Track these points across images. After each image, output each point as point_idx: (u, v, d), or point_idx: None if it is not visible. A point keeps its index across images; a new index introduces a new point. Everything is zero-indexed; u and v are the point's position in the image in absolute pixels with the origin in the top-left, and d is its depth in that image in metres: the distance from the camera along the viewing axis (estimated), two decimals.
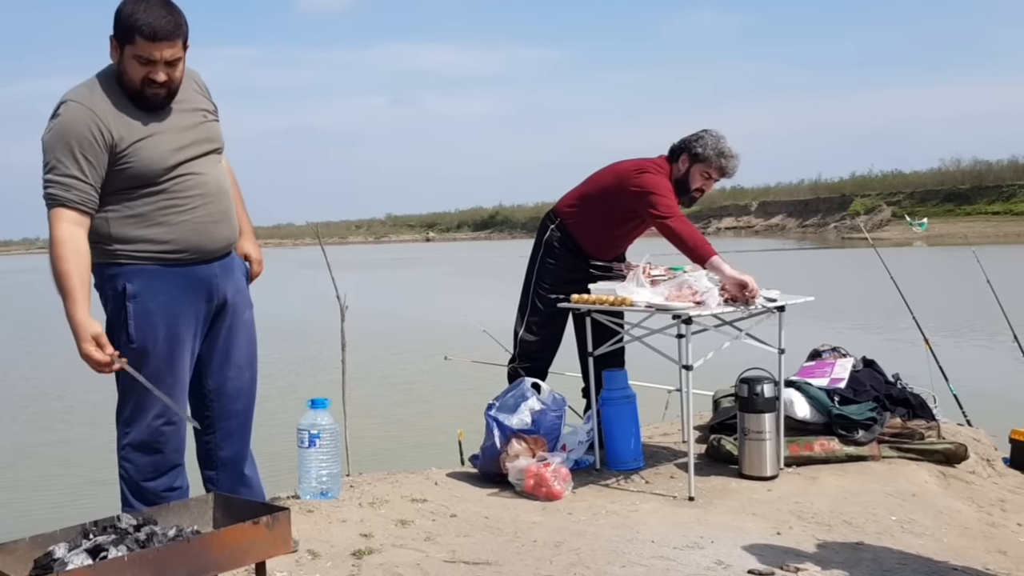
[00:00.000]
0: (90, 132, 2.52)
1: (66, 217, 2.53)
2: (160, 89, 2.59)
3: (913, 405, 4.36)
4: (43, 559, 2.37)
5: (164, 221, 2.63)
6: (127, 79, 2.58)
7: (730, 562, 2.91)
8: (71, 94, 2.59)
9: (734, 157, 4.06)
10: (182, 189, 2.65)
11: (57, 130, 2.54)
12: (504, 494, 3.73)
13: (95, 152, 2.53)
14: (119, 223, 2.61)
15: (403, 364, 11.46)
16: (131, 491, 2.77)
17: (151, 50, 2.51)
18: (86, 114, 2.54)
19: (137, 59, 2.53)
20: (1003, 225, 50.95)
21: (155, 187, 2.62)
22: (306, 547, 2.95)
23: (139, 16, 2.49)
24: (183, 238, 2.66)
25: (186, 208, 2.66)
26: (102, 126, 2.54)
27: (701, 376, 3.75)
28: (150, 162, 2.59)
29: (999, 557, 3.17)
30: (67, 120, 2.54)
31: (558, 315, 4.17)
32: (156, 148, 2.60)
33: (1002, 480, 4.25)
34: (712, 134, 4.05)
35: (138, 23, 2.49)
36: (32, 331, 19.47)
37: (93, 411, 9.58)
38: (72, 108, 2.55)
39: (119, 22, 2.53)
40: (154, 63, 2.54)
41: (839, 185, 71.33)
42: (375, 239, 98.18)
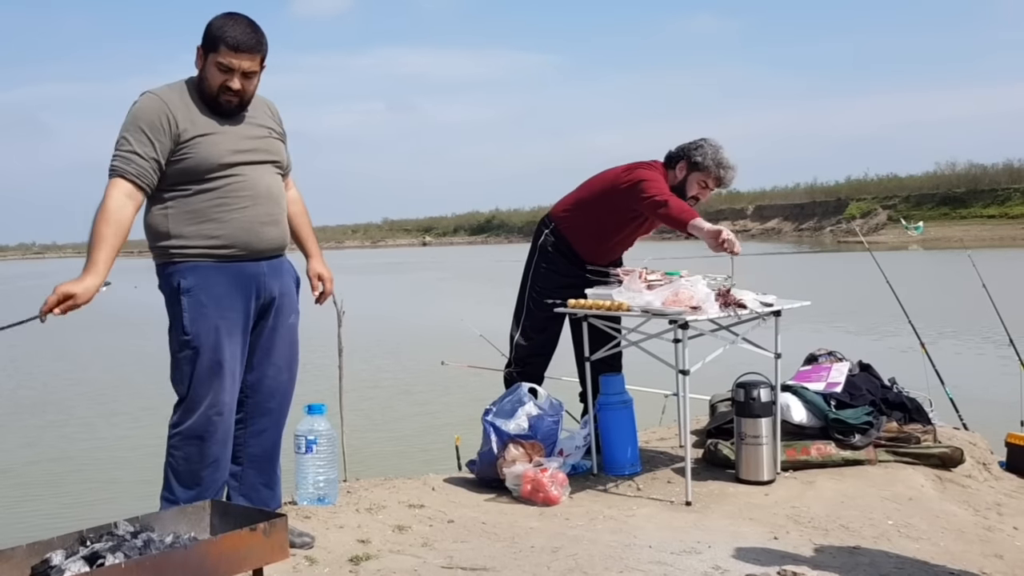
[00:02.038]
0: (158, 118, 2.74)
1: (120, 187, 2.73)
2: (233, 97, 2.81)
3: (909, 409, 4.37)
4: (40, 566, 2.37)
5: (216, 217, 2.80)
6: (207, 84, 2.80)
7: (727, 567, 2.91)
8: (150, 89, 2.83)
9: (732, 168, 4.07)
10: (234, 189, 2.83)
11: (131, 115, 2.78)
12: (501, 499, 3.73)
13: (160, 136, 2.74)
14: (177, 220, 2.79)
15: (400, 369, 11.45)
16: (176, 479, 2.86)
17: (231, 59, 2.76)
18: (158, 103, 2.77)
19: (218, 66, 2.77)
20: (998, 228, 51.07)
21: (209, 183, 2.79)
22: (303, 553, 2.95)
23: (227, 29, 2.77)
24: (232, 234, 2.82)
25: (236, 207, 2.82)
26: (170, 115, 2.76)
27: (698, 381, 3.75)
28: (208, 156, 2.78)
29: (995, 561, 3.17)
30: (140, 107, 2.78)
31: (553, 320, 4.17)
32: (216, 145, 2.80)
33: (998, 484, 4.25)
34: (711, 143, 4.06)
35: (224, 34, 2.76)
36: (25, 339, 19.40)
37: (89, 418, 9.58)
38: (147, 98, 2.80)
39: (208, 33, 2.79)
40: (232, 72, 2.78)
41: (835, 189, 71.50)
42: (371, 243, 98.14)
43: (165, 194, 2.79)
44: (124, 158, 2.72)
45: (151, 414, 9.56)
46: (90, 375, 12.40)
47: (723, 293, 3.74)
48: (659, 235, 4.99)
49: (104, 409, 9.97)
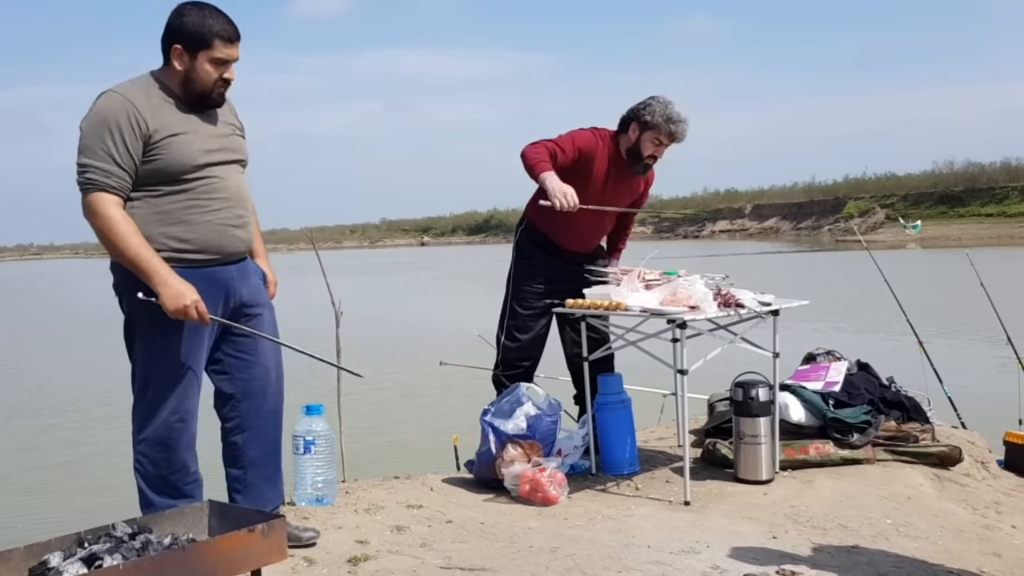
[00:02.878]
0: (127, 119, 2.62)
1: (110, 201, 2.63)
2: (225, 88, 2.77)
3: (908, 408, 4.37)
4: (38, 568, 2.37)
5: (187, 220, 2.71)
6: (198, 83, 2.71)
7: (726, 567, 2.92)
8: (111, 87, 2.70)
9: (683, 121, 3.99)
10: (206, 191, 2.74)
11: (95, 117, 2.64)
12: (500, 499, 3.72)
13: (132, 139, 2.63)
14: (144, 222, 2.68)
15: (398, 369, 11.44)
16: (148, 485, 2.84)
17: (229, 51, 2.71)
18: (123, 103, 2.64)
19: (213, 62, 2.70)
20: (996, 227, 51.14)
21: (181, 185, 2.70)
22: (302, 554, 2.95)
23: (211, 23, 2.68)
24: (204, 238, 2.74)
25: (208, 209, 2.74)
26: (139, 116, 2.64)
27: (696, 380, 3.75)
28: (180, 156, 2.69)
29: (994, 560, 3.17)
30: (105, 107, 2.64)
31: (537, 319, 4.15)
32: (188, 145, 2.70)
33: (997, 482, 4.25)
34: (660, 100, 4.00)
35: (214, 29, 2.68)
36: (19, 341, 19.41)
37: (85, 421, 9.57)
38: (110, 97, 2.66)
39: (188, 30, 2.68)
40: (227, 64, 2.73)
41: (833, 188, 71.57)
42: (370, 243, 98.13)
43: (133, 193, 2.69)
44: (102, 170, 2.61)
45: None
46: (86, 378, 12.37)
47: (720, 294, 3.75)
48: (656, 234, 4.98)
49: (101, 412, 9.95)
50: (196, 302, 2.64)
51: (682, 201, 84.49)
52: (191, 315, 2.63)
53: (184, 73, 2.71)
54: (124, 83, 2.72)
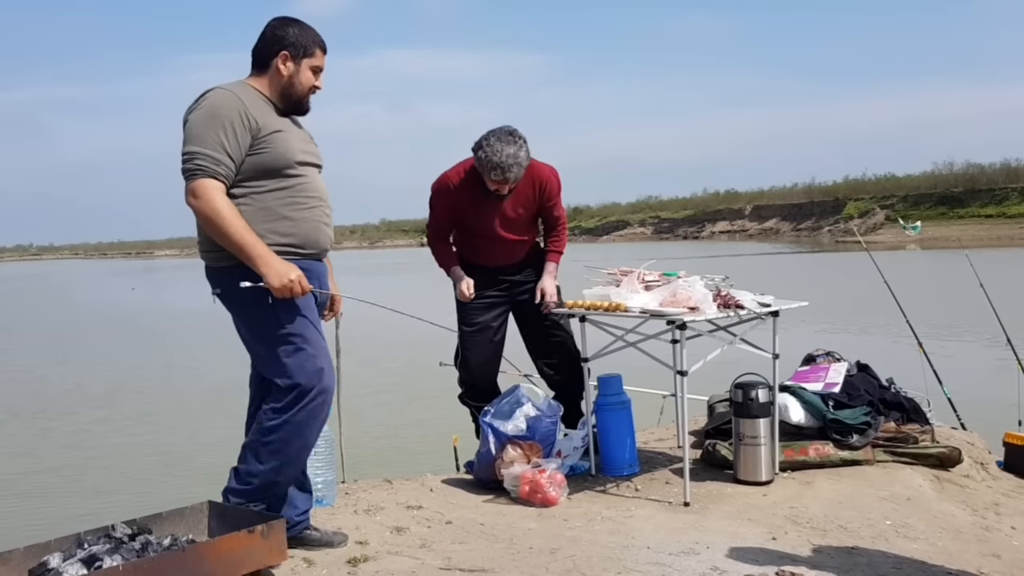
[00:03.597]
0: (238, 113, 2.75)
1: (217, 188, 2.73)
2: (311, 95, 2.95)
3: (907, 409, 4.37)
4: (38, 569, 2.37)
5: (289, 216, 2.84)
6: (297, 88, 2.90)
7: (726, 567, 2.91)
8: (218, 85, 2.83)
9: (498, 167, 3.86)
10: (303, 188, 2.88)
11: (206, 109, 2.75)
12: (499, 500, 3.72)
13: (241, 132, 2.75)
14: (252, 218, 2.77)
15: (398, 370, 11.44)
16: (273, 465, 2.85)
17: (322, 60, 2.93)
18: (234, 98, 2.78)
19: (313, 69, 2.91)
20: (996, 228, 51.17)
21: (282, 181, 2.83)
22: (301, 555, 2.95)
23: (312, 34, 2.90)
24: (304, 233, 2.87)
25: (306, 206, 2.88)
26: (247, 111, 2.78)
27: (696, 381, 3.75)
28: (284, 151, 2.83)
29: (993, 561, 3.17)
30: (216, 101, 2.77)
31: (484, 330, 4.18)
32: (288, 142, 2.86)
33: (996, 483, 4.26)
34: (489, 143, 3.88)
35: (316, 38, 2.91)
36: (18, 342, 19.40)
37: (82, 423, 9.56)
38: (221, 93, 2.79)
39: (293, 40, 2.87)
40: (320, 72, 2.94)
41: (833, 189, 71.63)
42: (369, 244, 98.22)
43: (236, 190, 2.79)
44: (211, 158, 2.71)
45: (147, 418, 9.57)
46: (87, 379, 12.38)
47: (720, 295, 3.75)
48: (656, 235, 4.98)
49: (98, 415, 9.95)
50: (300, 277, 2.75)
51: (682, 202, 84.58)
52: (295, 290, 2.74)
53: (288, 78, 2.88)
54: (230, 84, 2.86)
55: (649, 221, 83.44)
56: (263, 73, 2.90)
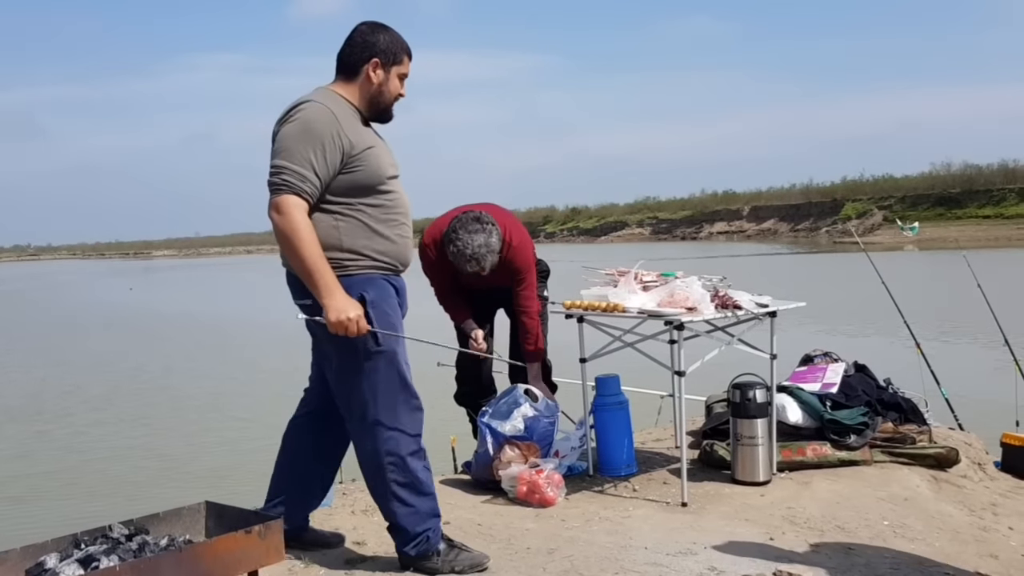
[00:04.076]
0: (330, 133, 2.69)
1: (300, 206, 2.66)
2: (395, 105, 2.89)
3: (905, 410, 4.37)
4: (34, 569, 2.36)
5: (383, 233, 2.80)
6: (385, 96, 2.83)
7: (723, 567, 2.92)
8: (312, 96, 2.76)
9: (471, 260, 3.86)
10: (394, 204, 2.84)
11: (300, 123, 2.68)
12: (497, 501, 3.72)
13: (332, 152, 2.69)
14: (350, 233, 2.75)
15: None
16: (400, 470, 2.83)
17: (409, 67, 2.87)
18: (330, 116, 2.71)
19: (400, 77, 2.85)
20: (993, 229, 51.24)
21: (376, 198, 2.78)
22: (299, 555, 2.95)
23: (400, 41, 2.84)
24: (395, 250, 2.84)
25: (397, 222, 2.85)
26: (341, 131, 2.71)
27: (694, 382, 3.75)
28: (377, 168, 2.78)
29: (990, 561, 3.18)
30: (311, 117, 2.69)
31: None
32: (380, 158, 2.80)
33: (993, 484, 4.26)
34: (459, 236, 3.86)
35: (405, 45, 2.85)
36: (16, 343, 19.37)
37: (79, 425, 9.55)
38: (317, 108, 2.71)
39: (383, 47, 2.80)
40: (406, 79, 2.88)
41: (830, 189, 71.68)
42: None
43: (331, 206, 2.73)
44: (298, 174, 2.64)
45: (144, 421, 9.55)
46: (85, 381, 12.36)
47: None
48: (654, 236, 4.98)
49: (97, 416, 9.94)
50: (359, 318, 2.68)
51: (680, 202, 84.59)
52: (351, 330, 2.66)
53: (378, 86, 2.82)
54: (321, 94, 2.77)
55: (647, 222, 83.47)
56: (351, 80, 2.81)
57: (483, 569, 2.87)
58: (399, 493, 2.81)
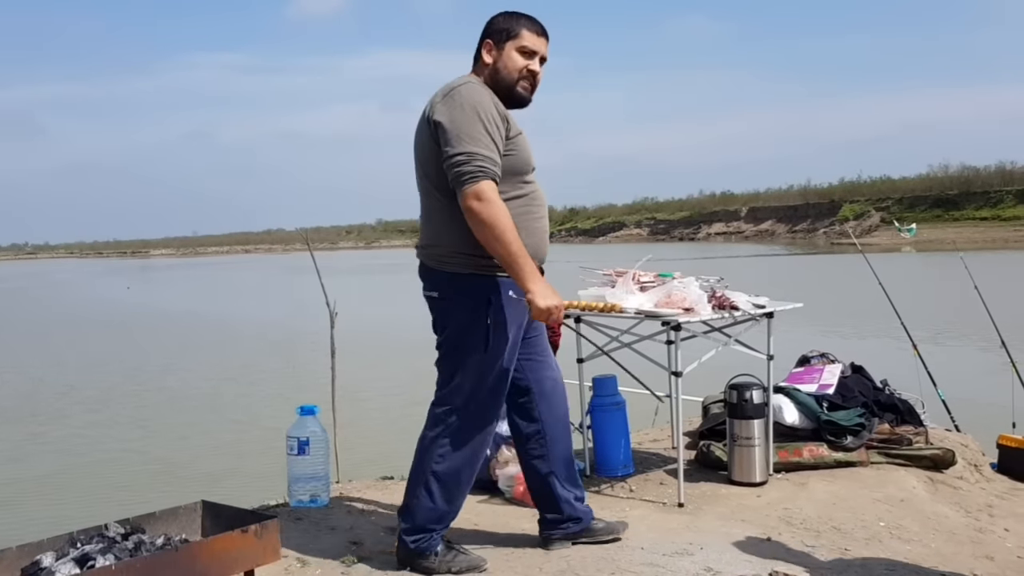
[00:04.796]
0: (498, 112, 2.66)
1: (496, 191, 2.60)
2: (528, 84, 2.78)
3: (901, 411, 4.38)
4: (30, 568, 2.36)
5: (524, 226, 2.71)
6: (504, 73, 2.75)
7: (719, 568, 2.92)
8: (464, 79, 2.72)
9: None
10: (535, 197, 2.80)
11: (468, 106, 2.62)
12: (494, 501, 3.72)
13: (501, 131, 2.65)
14: None
15: (393, 370, 11.45)
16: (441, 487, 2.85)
17: (534, 41, 2.77)
18: (489, 95, 2.68)
19: (520, 51, 2.75)
20: (991, 231, 51.33)
21: (520, 188, 2.74)
22: (295, 555, 2.95)
23: (519, 18, 2.78)
24: (534, 245, 2.75)
25: (538, 216, 2.81)
26: (500, 108, 2.68)
27: (690, 382, 3.76)
28: (525, 155, 2.75)
29: (986, 563, 3.18)
30: (475, 97, 2.64)
31: None
32: (527, 146, 2.76)
33: (990, 485, 4.27)
34: None
35: (521, 20, 2.78)
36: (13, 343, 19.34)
37: (75, 426, 9.54)
38: (475, 88, 2.68)
39: (497, 26, 2.78)
40: (534, 55, 2.77)
41: (828, 191, 71.79)
42: (366, 244, 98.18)
43: None
44: (490, 159, 2.59)
45: (141, 422, 9.54)
46: (81, 381, 12.35)
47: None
48: (652, 236, 4.98)
49: (91, 419, 9.93)
50: (562, 307, 2.64)
51: (678, 203, 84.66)
52: (554, 317, 2.61)
53: (493, 65, 2.76)
54: (468, 78, 2.75)
55: (645, 222, 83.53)
56: (474, 69, 2.81)
57: (480, 572, 2.86)
58: (431, 485, 2.82)
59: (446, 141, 2.60)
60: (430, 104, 2.71)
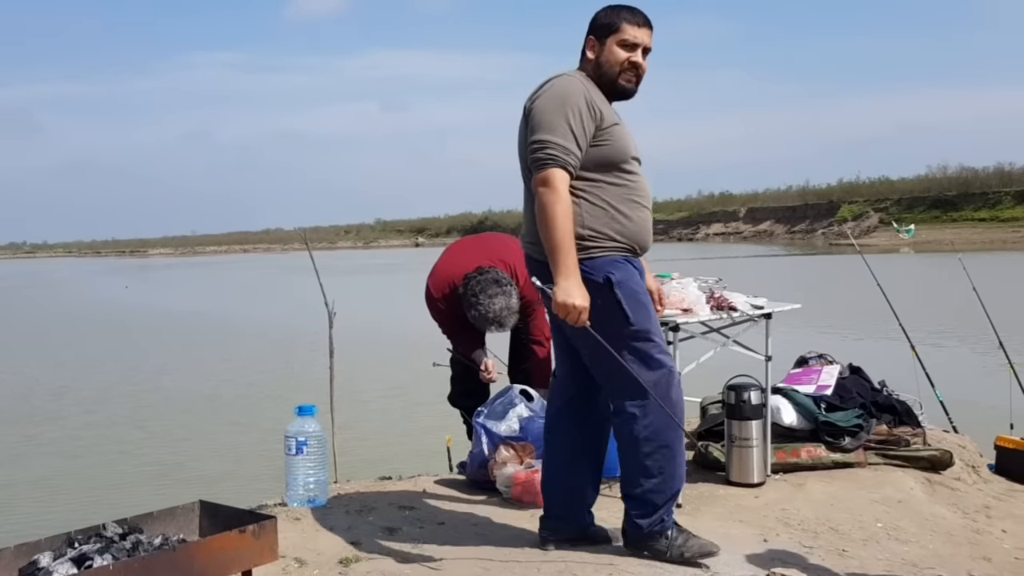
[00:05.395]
0: (585, 102, 2.72)
1: (566, 180, 2.69)
2: (633, 76, 2.84)
3: (899, 412, 4.38)
4: (28, 568, 2.36)
5: (626, 213, 2.80)
6: (607, 67, 2.82)
7: (717, 569, 2.92)
8: (561, 72, 2.81)
9: (494, 323, 3.92)
10: (636, 186, 2.84)
11: (555, 96, 2.72)
12: (492, 501, 3.72)
13: (588, 122, 2.71)
14: (591, 213, 2.76)
15: (391, 370, 11.43)
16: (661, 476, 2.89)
17: (635, 33, 2.81)
18: (581, 86, 2.75)
19: (621, 44, 2.81)
20: (989, 232, 51.35)
21: (620, 176, 2.80)
22: (293, 555, 2.94)
23: (621, 12, 2.83)
24: (636, 232, 2.84)
25: (639, 205, 2.86)
26: (593, 100, 2.74)
27: (688, 383, 3.75)
28: (623, 145, 2.80)
29: (984, 564, 3.19)
30: (565, 88, 2.74)
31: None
32: (624, 136, 2.82)
33: (987, 487, 4.27)
34: (481, 302, 3.88)
35: (622, 13, 2.83)
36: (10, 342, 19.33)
37: (72, 427, 9.53)
38: (569, 80, 2.77)
39: (599, 21, 2.85)
40: (636, 47, 2.82)
41: (827, 191, 71.82)
42: (364, 244, 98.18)
43: (577, 182, 2.74)
44: (564, 148, 2.66)
45: (139, 423, 9.53)
46: (77, 381, 12.33)
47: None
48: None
49: (88, 419, 9.92)
50: (585, 309, 2.64)
51: (676, 204, 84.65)
52: (571, 317, 2.63)
53: (595, 60, 2.83)
54: (567, 72, 2.82)
55: None
56: (580, 65, 2.88)
57: (712, 555, 2.89)
58: (650, 469, 2.84)
59: (531, 129, 2.72)
60: (528, 98, 2.81)
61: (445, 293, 4.06)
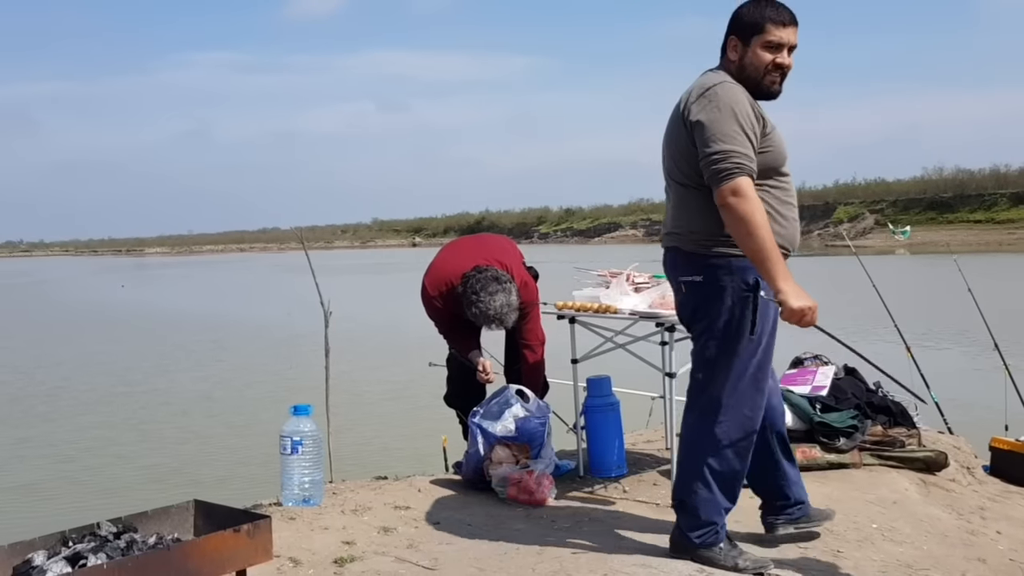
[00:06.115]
0: (751, 109, 2.68)
1: (753, 188, 2.62)
2: (778, 77, 2.77)
3: (894, 413, 4.39)
4: (22, 567, 2.36)
5: (782, 214, 2.79)
6: (752, 70, 2.75)
7: (713, 569, 2.92)
8: (718, 78, 2.72)
9: (494, 320, 3.90)
10: (789, 189, 2.83)
11: (724, 105, 2.65)
12: (487, 501, 3.72)
13: (756, 130, 2.68)
14: None
15: (387, 370, 11.43)
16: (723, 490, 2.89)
17: (780, 33, 2.73)
18: (743, 94, 2.69)
19: (766, 46, 2.73)
20: (984, 233, 51.42)
21: (777, 180, 2.79)
22: (288, 555, 2.94)
23: (765, 10, 2.73)
24: (790, 234, 2.83)
25: (792, 205, 2.86)
26: (755, 107, 2.71)
27: (684, 384, 3.75)
28: (782, 150, 2.78)
29: (978, 565, 3.19)
30: (731, 96, 2.67)
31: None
32: (781, 141, 2.79)
33: (982, 488, 4.27)
34: (480, 299, 3.84)
35: (766, 13, 2.73)
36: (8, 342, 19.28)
37: (69, 427, 9.51)
38: (731, 87, 2.70)
39: (742, 20, 2.76)
40: (781, 47, 2.74)
41: (822, 193, 71.81)
42: (361, 244, 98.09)
43: None
44: (747, 156, 2.62)
45: (138, 423, 9.52)
46: (74, 381, 12.30)
47: None
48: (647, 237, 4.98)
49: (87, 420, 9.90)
50: (816, 306, 2.59)
51: None
52: (807, 319, 2.57)
53: (738, 62, 2.77)
54: (719, 75, 2.75)
55: (641, 223, 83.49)
56: (721, 63, 2.82)
57: (766, 572, 2.85)
58: (708, 478, 2.81)
59: (703, 141, 2.65)
60: (684, 104, 2.75)
61: (442, 291, 4.05)
